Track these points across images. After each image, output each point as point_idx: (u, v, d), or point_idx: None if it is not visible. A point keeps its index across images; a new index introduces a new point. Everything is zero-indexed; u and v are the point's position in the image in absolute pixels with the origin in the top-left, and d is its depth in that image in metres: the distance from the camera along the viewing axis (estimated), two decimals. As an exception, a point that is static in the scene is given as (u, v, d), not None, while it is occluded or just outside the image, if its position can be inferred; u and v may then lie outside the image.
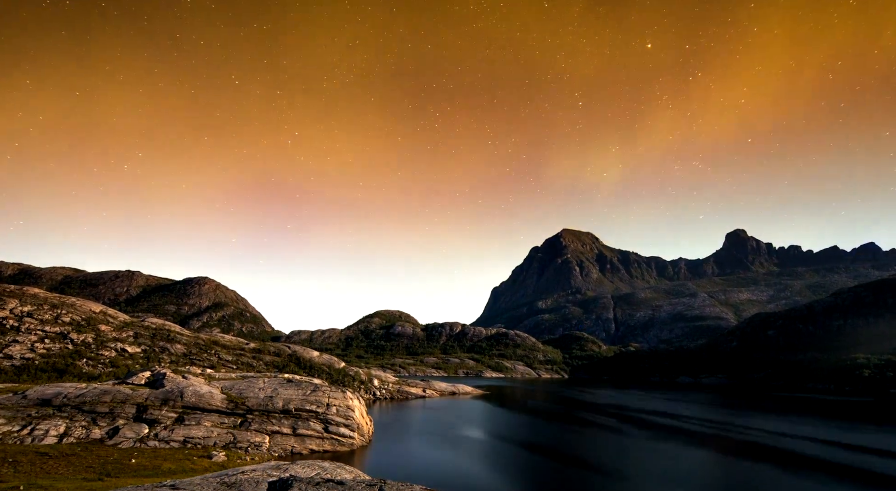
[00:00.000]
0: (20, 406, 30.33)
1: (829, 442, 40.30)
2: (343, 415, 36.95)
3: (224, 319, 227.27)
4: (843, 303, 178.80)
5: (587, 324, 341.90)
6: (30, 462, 24.20)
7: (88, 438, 28.75)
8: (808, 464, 32.25)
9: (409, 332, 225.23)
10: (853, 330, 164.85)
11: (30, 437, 27.25)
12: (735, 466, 32.11)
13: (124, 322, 69.06)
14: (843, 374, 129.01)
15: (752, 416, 60.58)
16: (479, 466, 31.81)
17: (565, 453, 36.59)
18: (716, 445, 39.94)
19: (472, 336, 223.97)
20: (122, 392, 33.74)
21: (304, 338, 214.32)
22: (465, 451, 36.78)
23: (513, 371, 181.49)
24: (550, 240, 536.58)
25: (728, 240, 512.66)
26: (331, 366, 79.27)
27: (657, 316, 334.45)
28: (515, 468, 32.36)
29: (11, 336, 51.60)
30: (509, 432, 46.61)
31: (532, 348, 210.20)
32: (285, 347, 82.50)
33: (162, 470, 24.88)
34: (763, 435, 43.78)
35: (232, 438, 31.19)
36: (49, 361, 48.94)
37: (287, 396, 36.90)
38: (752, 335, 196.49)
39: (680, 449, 37.74)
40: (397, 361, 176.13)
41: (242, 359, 68.49)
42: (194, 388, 35.63)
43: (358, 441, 36.25)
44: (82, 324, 60.49)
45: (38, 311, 58.94)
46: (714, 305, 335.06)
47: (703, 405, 75.94)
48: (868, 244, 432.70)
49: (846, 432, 45.94)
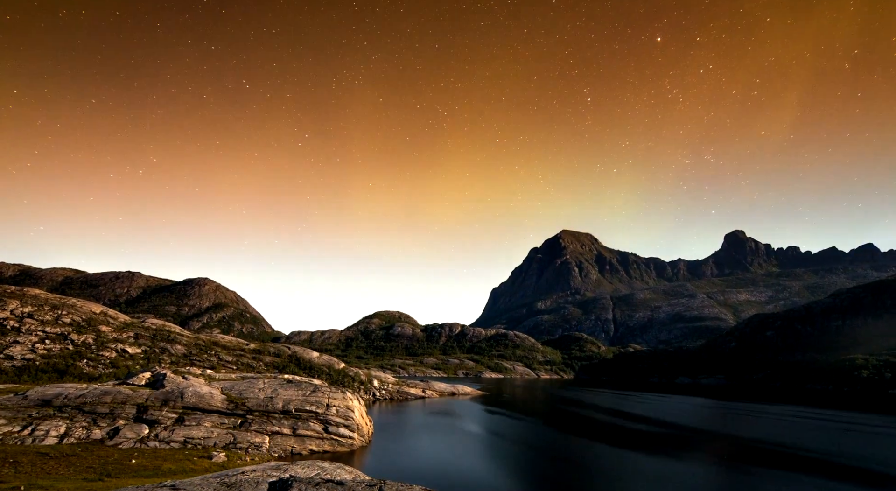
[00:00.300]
0: (21, 407, 30.33)
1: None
2: (343, 415, 36.96)
3: (224, 320, 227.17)
4: (842, 304, 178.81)
5: (586, 325, 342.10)
6: (30, 462, 24.21)
7: (89, 439, 28.76)
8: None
9: (408, 332, 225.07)
10: (852, 331, 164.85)
11: (30, 437, 27.26)
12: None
13: (125, 323, 69.06)
14: (842, 374, 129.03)
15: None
16: (479, 467, 31.84)
17: (563, 455, 36.64)
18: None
19: (471, 337, 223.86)
20: (123, 393, 33.75)
21: (304, 339, 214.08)
22: (465, 451, 36.82)
23: (512, 372, 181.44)
24: (550, 241, 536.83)
25: (727, 241, 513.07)
26: (330, 366, 79.26)
27: (656, 317, 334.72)
28: (514, 469, 32.40)
29: (12, 337, 51.60)
30: (508, 433, 46.64)
31: (531, 349, 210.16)
32: (285, 348, 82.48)
33: (162, 470, 24.90)
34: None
35: (232, 438, 31.20)
36: (50, 362, 48.94)
37: (287, 397, 36.91)
38: (750, 336, 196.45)
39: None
40: (397, 362, 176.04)
41: (242, 360, 68.47)
42: (194, 388, 35.64)
43: (358, 442, 36.26)
44: (83, 325, 60.49)
45: (38, 311, 58.94)
46: (713, 306, 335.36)
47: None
48: (866, 245, 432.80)
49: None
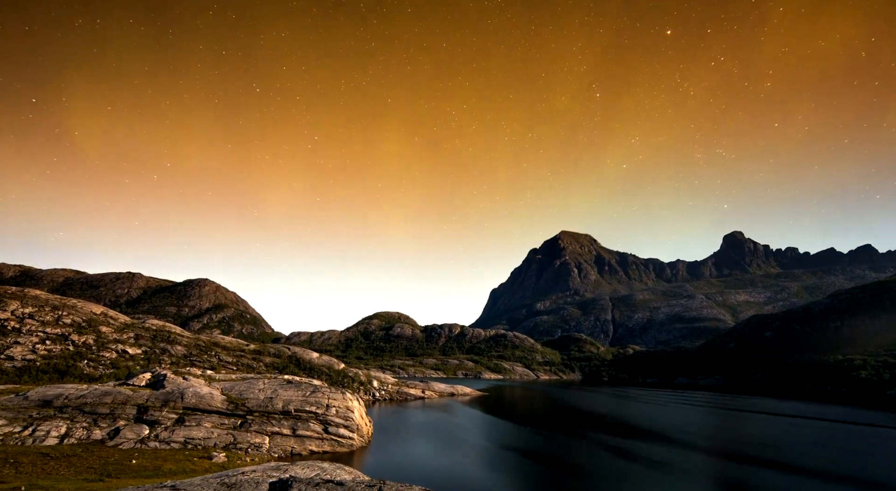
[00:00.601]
0: (21, 407, 30.32)
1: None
2: (342, 416, 36.95)
3: (224, 321, 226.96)
4: (841, 305, 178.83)
5: (586, 325, 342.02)
6: (31, 463, 24.21)
7: (89, 439, 28.75)
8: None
9: (408, 333, 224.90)
10: (850, 331, 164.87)
11: (31, 438, 27.25)
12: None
13: (125, 324, 69.03)
14: (841, 375, 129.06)
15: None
16: (478, 467, 31.84)
17: (560, 456, 36.63)
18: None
19: (470, 337, 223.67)
20: (123, 393, 33.75)
21: (304, 339, 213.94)
22: (464, 452, 36.80)
23: (511, 372, 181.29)
24: (549, 242, 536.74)
25: (726, 242, 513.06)
26: (330, 367, 79.25)
27: (655, 317, 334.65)
28: (512, 468, 32.39)
29: (13, 337, 51.57)
30: (506, 434, 46.64)
31: (531, 350, 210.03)
32: (285, 349, 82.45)
33: (162, 471, 24.90)
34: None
35: (232, 439, 31.19)
36: (50, 363, 48.92)
37: (287, 398, 36.91)
38: (749, 337, 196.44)
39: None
40: (396, 363, 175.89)
41: (242, 360, 68.45)
42: (195, 389, 35.63)
43: (357, 442, 36.26)
44: (83, 325, 60.46)
45: (39, 312, 58.91)
46: (712, 307, 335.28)
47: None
48: (864, 246, 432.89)
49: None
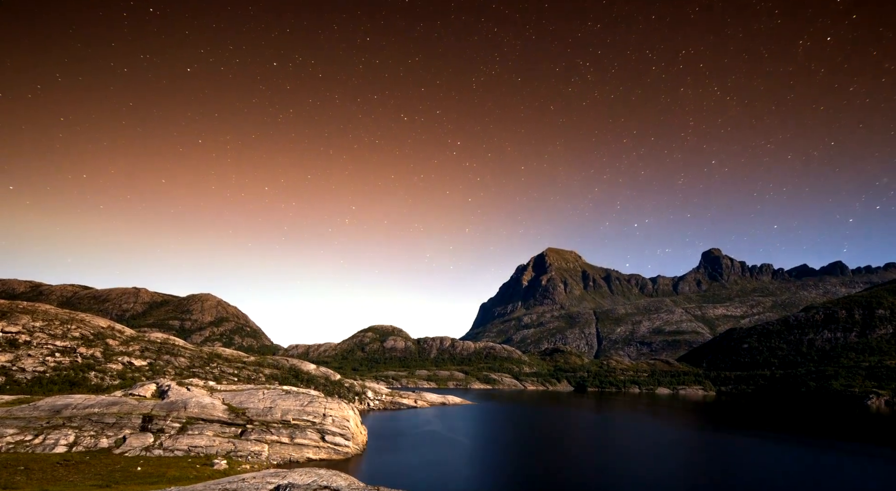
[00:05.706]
0: (32, 417, 30.42)
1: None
2: (339, 425, 37.21)
3: (225, 334, 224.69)
4: (814, 318, 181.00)
5: (571, 338, 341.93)
6: (41, 470, 24.40)
7: (96, 447, 28.88)
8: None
9: (401, 345, 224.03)
10: (824, 344, 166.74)
11: (41, 446, 27.38)
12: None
13: (130, 336, 68.74)
14: (816, 385, 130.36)
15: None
16: (468, 473, 32.19)
17: (549, 461, 37.01)
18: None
19: (461, 350, 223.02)
20: (129, 403, 33.90)
21: (302, 351, 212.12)
22: (454, 458, 37.09)
23: (500, 383, 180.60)
24: (536, 258, 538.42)
25: (704, 258, 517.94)
26: (327, 378, 79.03)
27: (637, 331, 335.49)
28: (500, 474, 32.76)
29: (24, 350, 51.32)
30: (494, 441, 46.88)
31: (518, 362, 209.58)
32: (284, 360, 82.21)
33: (166, 477, 25.14)
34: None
35: (233, 446, 31.40)
36: (60, 374, 48.70)
37: (285, 407, 37.15)
38: (727, 349, 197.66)
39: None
40: (390, 374, 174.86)
41: (243, 371, 68.24)
42: (197, 399, 35.83)
43: (353, 449, 36.49)
44: (91, 338, 60.23)
45: (49, 326, 58.67)
46: (691, 321, 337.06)
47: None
48: (835, 263, 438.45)
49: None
